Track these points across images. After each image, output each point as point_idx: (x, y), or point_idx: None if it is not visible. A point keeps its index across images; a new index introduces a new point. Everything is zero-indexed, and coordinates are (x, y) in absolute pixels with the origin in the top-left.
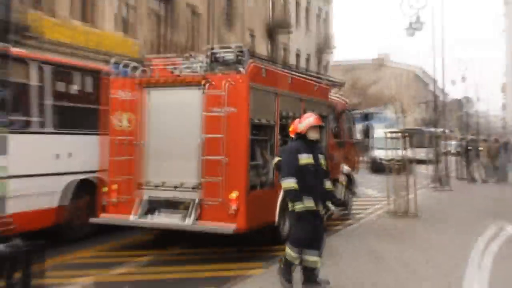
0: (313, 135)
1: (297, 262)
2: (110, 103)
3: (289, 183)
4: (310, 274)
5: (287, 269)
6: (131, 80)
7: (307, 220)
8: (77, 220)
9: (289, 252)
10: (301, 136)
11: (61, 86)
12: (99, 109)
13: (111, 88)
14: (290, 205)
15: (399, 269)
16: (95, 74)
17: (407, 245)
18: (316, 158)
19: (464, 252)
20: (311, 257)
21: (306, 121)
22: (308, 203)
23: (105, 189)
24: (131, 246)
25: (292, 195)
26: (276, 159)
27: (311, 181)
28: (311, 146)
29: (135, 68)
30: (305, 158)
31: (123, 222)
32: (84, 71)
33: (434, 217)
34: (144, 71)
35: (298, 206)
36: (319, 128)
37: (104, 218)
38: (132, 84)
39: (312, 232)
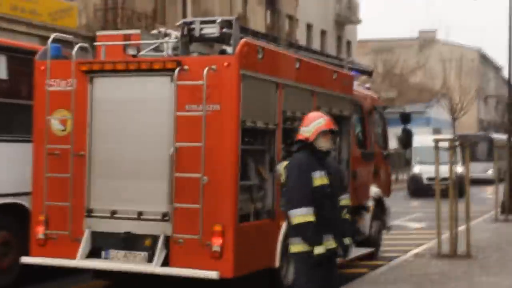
0: (325, 144)
1: None
2: (34, 95)
3: (304, 215)
4: None
5: None
6: (65, 63)
7: (324, 266)
8: (3, 260)
9: None
10: (306, 146)
11: None
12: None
13: (35, 75)
14: (299, 246)
15: None
16: (26, 57)
17: None
18: (330, 177)
19: None
20: None
21: (314, 124)
22: (330, 244)
23: (41, 217)
24: None
25: (310, 233)
26: (284, 163)
27: (329, 209)
28: (322, 160)
29: (71, 45)
30: (319, 178)
31: (66, 263)
32: (8, 51)
33: (492, 259)
34: (84, 50)
35: (319, 250)
36: (332, 133)
37: (40, 257)
38: (66, 69)
39: (328, 283)
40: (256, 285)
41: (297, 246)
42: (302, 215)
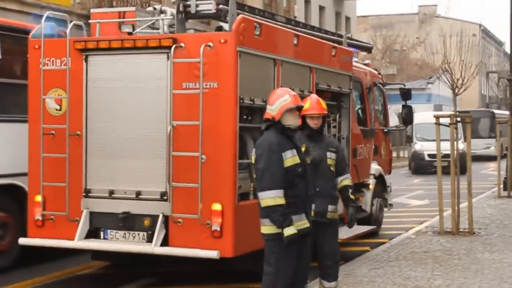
0: (293, 121)
1: None
2: (28, 74)
3: (273, 198)
4: None
5: None
6: (59, 42)
7: (295, 246)
8: (1, 242)
9: None
10: (274, 124)
11: None
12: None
13: (29, 53)
14: (269, 228)
15: None
16: (20, 35)
17: (456, 272)
18: (300, 154)
19: None
20: None
21: (279, 101)
22: (302, 223)
23: (38, 197)
24: (71, 280)
25: (278, 216)
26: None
27: (302, 189)
28: (291, 138)
29: (65, 23)
30: (290, 158)
31: (64, 244)
32: (1, 30)
33: (494, 235)
34: (79, 28)
35: (288, 232)
36: (298, 110)
37: (38, 239)
38: (60, 47)
39: (299, 262)
40: (253, 266)
41: (268, 228)
42: (271, 197)
